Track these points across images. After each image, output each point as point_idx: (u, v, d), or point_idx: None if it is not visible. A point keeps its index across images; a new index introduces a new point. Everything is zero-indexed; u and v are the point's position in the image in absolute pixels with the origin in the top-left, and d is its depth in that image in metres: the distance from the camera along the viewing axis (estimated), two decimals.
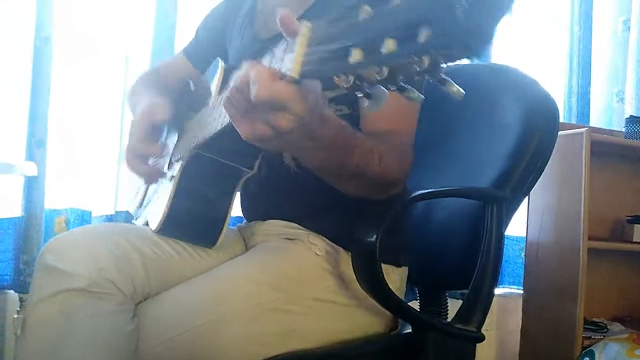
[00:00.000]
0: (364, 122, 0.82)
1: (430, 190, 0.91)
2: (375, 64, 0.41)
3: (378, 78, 0.42)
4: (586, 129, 1.84)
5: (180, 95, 0.97)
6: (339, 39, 0.42)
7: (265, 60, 0.53)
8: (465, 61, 0.46)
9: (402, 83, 0.43)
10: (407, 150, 0.81)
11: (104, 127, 1.58)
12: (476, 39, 0.36)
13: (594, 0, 2.23)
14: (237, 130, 0.55)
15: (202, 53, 1.17)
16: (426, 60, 0.38)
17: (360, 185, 0.75)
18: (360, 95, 0.46)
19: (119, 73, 1.59)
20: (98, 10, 1.59)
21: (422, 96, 0.47)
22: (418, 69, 0.39)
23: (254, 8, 1.06)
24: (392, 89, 0.44)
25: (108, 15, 1.60)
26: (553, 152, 1.00)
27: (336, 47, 0.42)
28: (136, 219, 1.07)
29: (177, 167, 0.87)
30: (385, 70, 0.41)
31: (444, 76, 0.41)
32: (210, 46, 1.15)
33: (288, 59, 0.49)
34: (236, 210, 1.08)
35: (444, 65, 0.39)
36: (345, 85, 0.44)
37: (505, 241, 2.26)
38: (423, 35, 0.37)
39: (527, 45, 2.14)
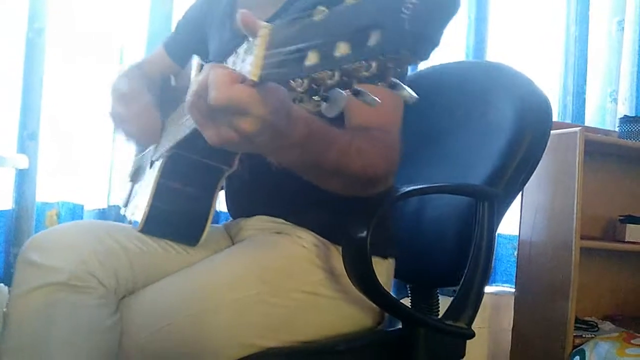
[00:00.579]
0: (345, 117, 0.80)
1: (422, 186, 0.91)
2: (330, 67, 0.41)
3: (332, 81, 0.42)
4: (580, 128, 1.84)
5: (161, 91, 0.96)
6: (296, 41, 0.42)
7: (230, 61, 0.52)
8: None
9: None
10: (393, 146, 0.79)
11: (97, 120, 1.56)
12: (421, 43, 0.37)
13: (590, 1, 2.23)
14: (203, 135, 0.54)
15: (182, 47, 1.13)
16: (375, 64, 0.39)
17: (343, 183, 0.74)
18: (317, 98, 0.45)
19: (114, 65, 1.58)
20: (92, 1, 1.58)
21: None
22: (367, 74, 0.39)
23: (233, 1, 1.03)
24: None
25: (103, 7, 1.58)
26: (547, 150, 1.01)
27: (294, 50, 0.42)
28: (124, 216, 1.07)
29: (157, 166, 0.86)
30: (338, 74, 0.41)
31: (393, 80, 0.41)
32: (190, 40, 1.12)
33: (248, 61, 0.48)
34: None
35: (392, 68, 0.39)
36: (300, 90, 0.44)
37: (498, 239, 2.26)
38: (373, 38, 0.37)
39: (523, 44, 2.15)
